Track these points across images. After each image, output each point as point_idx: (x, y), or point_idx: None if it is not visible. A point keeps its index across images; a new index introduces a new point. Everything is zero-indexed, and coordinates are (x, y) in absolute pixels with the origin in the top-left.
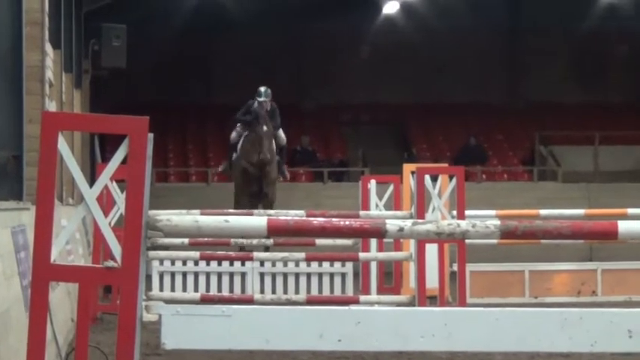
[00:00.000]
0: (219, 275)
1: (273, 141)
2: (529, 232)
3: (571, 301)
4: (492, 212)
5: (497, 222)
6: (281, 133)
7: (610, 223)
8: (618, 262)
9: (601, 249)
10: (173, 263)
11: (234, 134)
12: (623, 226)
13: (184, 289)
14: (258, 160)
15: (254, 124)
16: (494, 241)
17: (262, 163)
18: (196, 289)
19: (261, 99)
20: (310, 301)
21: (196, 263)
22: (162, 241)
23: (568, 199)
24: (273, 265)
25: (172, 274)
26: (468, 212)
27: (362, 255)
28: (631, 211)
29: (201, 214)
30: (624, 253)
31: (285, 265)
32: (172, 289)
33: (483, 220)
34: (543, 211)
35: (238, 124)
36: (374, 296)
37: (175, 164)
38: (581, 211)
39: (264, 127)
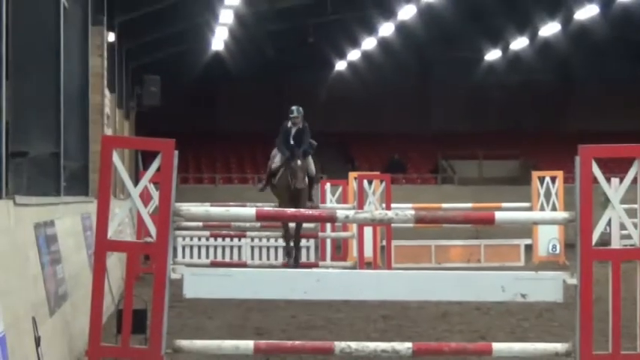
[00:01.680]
0: (223, 247)
1: (306, 173)
2: (434, 218)
3: (463, 266)
4: (409, 205)
5: (413, 212)
6: (311, 164)
7: (489, 213)
8: (495, 239)
9: (484, 231)
10: (192, 239)
11: (275, 164)
12: (498, 215)
13: (199, 257)
14: (293, 190)
15: (290, 159)
16: (411, 225)
17: (296, 192)
18: (207, 257)
19: (293, 115)
20: (285, 265)
21: (207, 239)
22: (184, 224)
23: (461, 197)
24: (260, 240)
25: (191, 247)
26: (393, 205)
27: (320, 234)
28: (504, 204)
29: (211, 206)
30: (500, 233)
31: (268, 240)
32: (191, 257)
33: (403, 211)
34: (444, 205)
35: (277, 154)
36: (329, 262)
37: (193, 171)
38: (469, 205)
39: (298, 162)
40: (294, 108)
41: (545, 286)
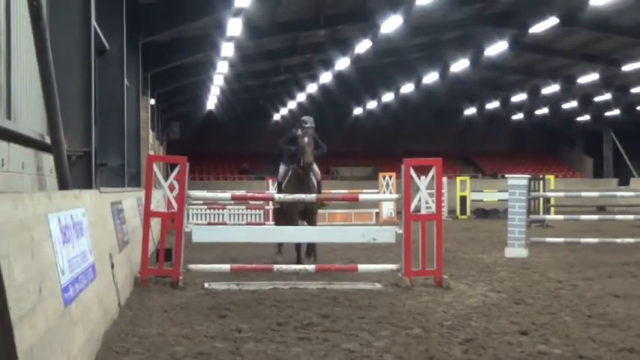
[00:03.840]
0: (214, 215)
1: (313, 148)
2: (327, 198)
3: (343, 224)
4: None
5: (315, 195)
6: (315, 168)
7: (356, 195)
8: (360, 209)
9: (354, 204)
10: (196, 210)
11: (281, 171)
12: (361, 197)
13: (201, 220)
14: (300, 175)
15: (299, 157)
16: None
17: (305, 171)
18: (205, 220)
19: (307, 125)
20: (249, 224)
21: (205, 210)
22: (192, 201)
23: (342, 187)
24: (233, 211)
25: (196, 214)
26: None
27: (266, 207)
28: (364, 191)
29: (207, 192)
30: (362, 206)
31: (238, 211)
32: (196, 220)
33: (311, 195)
34: (332, 191)
35: (281, 167)
36: (271, 223)
37: (198, 173)
38: (346, 191)
39: (305, 139)
40: (307, 118)
41: (386, 234)
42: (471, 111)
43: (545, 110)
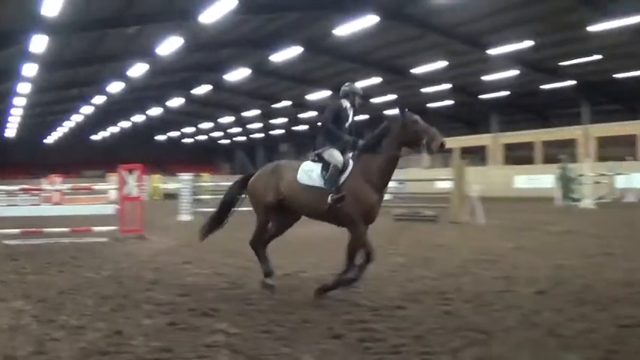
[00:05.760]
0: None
1: None
2: (78, 188)
3: (85, 205)
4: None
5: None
6: None
7: (90, 187)
8: (98, 195)
9: (93, 192)
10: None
11: (337, 158)
12: (95, 187)
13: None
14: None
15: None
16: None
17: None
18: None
19: (357, 91)
20: (32, 205)
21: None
22: None
23: (82, 182)
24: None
25: None
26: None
27: (41, 194)
28: (98, 184)
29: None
30: (98, 192)
31: (24, 197)
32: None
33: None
34: (81, 184)
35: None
36: (47, 204)
37: (5, 178)
38: (87, 184)
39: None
40: (354, 86)
41: (109, 208)
42: (174, 133)
43: (210, 135)
